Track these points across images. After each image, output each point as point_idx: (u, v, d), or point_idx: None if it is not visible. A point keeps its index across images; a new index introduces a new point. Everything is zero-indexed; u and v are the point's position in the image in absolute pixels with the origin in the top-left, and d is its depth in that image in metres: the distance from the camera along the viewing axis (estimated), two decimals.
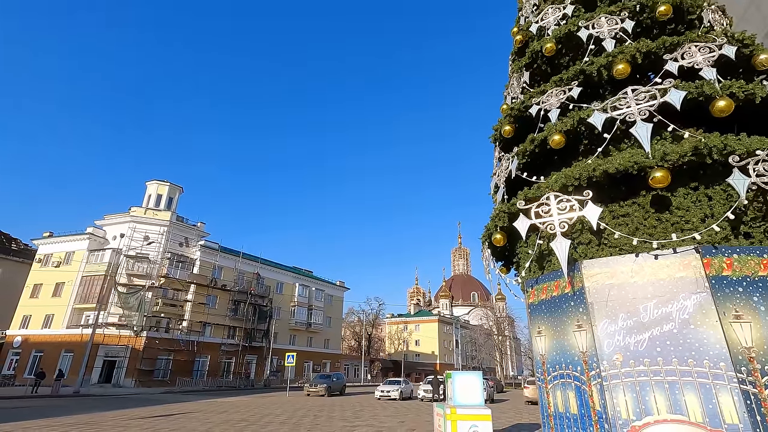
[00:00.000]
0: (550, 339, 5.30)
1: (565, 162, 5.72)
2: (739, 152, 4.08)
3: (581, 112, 5.14)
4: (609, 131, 4.91)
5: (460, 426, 7.92)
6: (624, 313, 4.45)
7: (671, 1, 5.57)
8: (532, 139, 5.69)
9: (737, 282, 4.16)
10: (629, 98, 4.81)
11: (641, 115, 4.63)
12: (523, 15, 7.77)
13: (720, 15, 5.80)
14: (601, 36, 5.66)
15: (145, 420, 13.66)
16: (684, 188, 4.49)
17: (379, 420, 14.82)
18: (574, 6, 6.48)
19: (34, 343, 36.29)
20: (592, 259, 4.77)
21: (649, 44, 5.16)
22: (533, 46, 6.53)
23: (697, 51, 4.92)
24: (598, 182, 4.68)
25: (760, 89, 4.59)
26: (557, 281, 5.16)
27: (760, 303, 4.07)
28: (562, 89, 5.62)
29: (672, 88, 4.60)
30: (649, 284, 4.42)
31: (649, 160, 4.34)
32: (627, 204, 4.71)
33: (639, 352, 4.28)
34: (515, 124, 6.36)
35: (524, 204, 5.07)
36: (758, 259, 4.23)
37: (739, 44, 4.99)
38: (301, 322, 50.94)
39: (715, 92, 4.57)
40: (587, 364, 4.61)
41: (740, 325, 4.02)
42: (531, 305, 5.82)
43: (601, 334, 4.49)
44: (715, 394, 3.88)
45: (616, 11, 5.75)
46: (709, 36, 5.03)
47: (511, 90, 6.99)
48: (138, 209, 40.92)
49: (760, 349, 3.93)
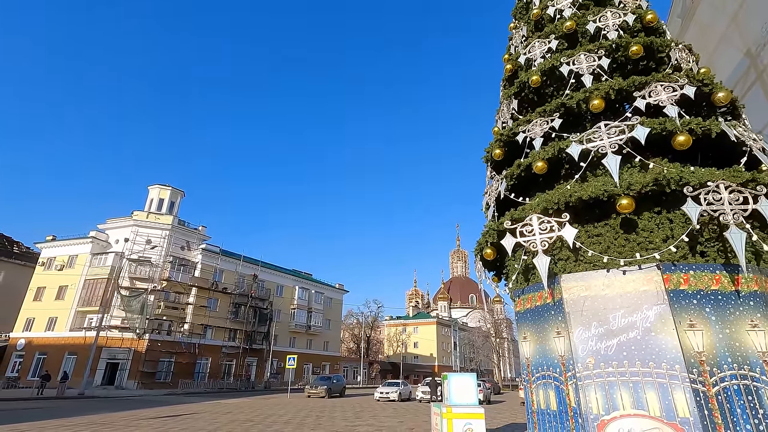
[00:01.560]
0: (534, 344, 5.94)
1: (549, 184, 6.37)
2: (692, 183, 4.72)
3: (561, 143, 5.79)
4: (585, 160, 5.56)
5: (456, 424, 8.50)
6: (596, 321, 5.08)
7: (642, 41, 6.23)
8: (518, 164, 6.34)
9: (692, 295, 4.80)
10: (602, 132, 5.46)
11: (611, 147, 5.28)
12: (513, 44, 8.44)
13: (687, 53, 6.46)
14: (581, 72, 6.31)
15: (154, 420, 14.22)
16: (648, 212, 5.13)
17: (379, 420, 15.42)
18: (558, 41, 7.14)
19: (38, 345, 36.76)
20: (569, 273, 5.41)
21: (620, 82, 5.81)
22: (521, 76, 7.19)
23: (662, 90, 5.58)
24: (574, 206, 5.32)
25: (715, 125, 5.25)
26: (540, 292, 5.79)
27: (712, 313, 4.71)
28: (546, 119, 6.27)
29: (638, 125, 5.25)
30: (618, 296, 5.06)
31: (616, 188, 4.98)
32: (600, 225, 5.35)
33: (608, 355, 4.91)
34: (504, 148, 7.01)
35: (510, 224, 5.71)
36: (711, 275, 4.88)
37: (699, 83, 5.65)
38: (300, 324, 51.50)
39: (676, 128, 5.23)
40: (565, 366, 5.25)
41: (693, 333, 4.66)
42: (518, 313, 6.46)
43: (577, 340, 5.12)
44: (670, 392, 4.51)
45: (594, 49, 6.40)
46: (673, 76, 5.68)
47: (502, 115, 7.64)
48: (140, 213, 41.47)
49: (709, 353, 4.57)
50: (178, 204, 44.38)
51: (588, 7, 7.36)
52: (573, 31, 7.05)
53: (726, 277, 4.84)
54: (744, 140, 5.32)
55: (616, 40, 6.40)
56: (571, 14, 7.23)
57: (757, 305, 4.75)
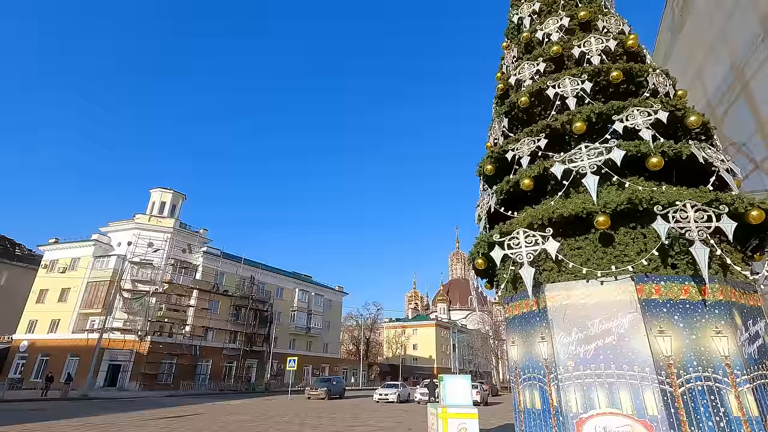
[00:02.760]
0: (521, 348, 6.40)
1: (536, 199, 6.84)
2: (662, 203, 5.19)
3: (546, 162, 6.27)
4: (567, 179, 6.04)
5: (451, 424, 8.96)
6: (576, 327, 5.55)
7: (622, 67, 6.72)
8: (507, 180, 6.82)
9: (662, 304, 5.27)
10: (583, 153, 5.94)
11: (591, 168, 5.76)
12: (505, 64, 8.93)
13: (664, 78, 6.94)
14: (565, 95, 6.79)
15: (161, 420, 14.66)
16: (624, 227, 5.61)
17: (378, 420, 15.86)
18: (546, 63, 7.63)
19: (41, 347, 37.21)
20: (553, 283, 5.87)
21: (601, 107, 6.29)
22: (512, 96, 7.67)
23: (638, 114, 6.05)
24: (557, 221, 5.79)
25: (685, 148, 5.73)
26: (526, 300, 6.26)
27: (680, 321, 5.18)
28: (533, 139, 6.75)
29: (615, 147, 5.73)
30: (596, 305, 5.53)
31: (594, 206, 5.45)
32: (580, 239, 5.82)
33: (587, 359, 5.37)
34: (495, 163, 7.48)
35: (499, 237, 6.18)
36: (680, 286, 5.34)
37: (673, 108, 6.13)
38: (300, 326, 51.95)
39: (650, 150, 5.71)
40: (548, 369, 5.71)
41: (663, 339, 5.13)
42: (507, 319, 6.93)
43: (558, 344, 5.59)
44: (641, 392, 4.97)
45: (578, 74, 6.88)
46: (648, 102, 6.16)
47: (494, 132, 8.12)
48: (142, 216, 41.97)
49: (677, 357, 5.04)
50: (180, 207, 44.88)
51: (574, 32, 7.85)
52: (560, 55, 7.53)
53: (694, 288, 5.30)
54: (712, 161, 5.79)
55: (598, 65, 6.88)
56: (558, 38, 7.72)
57: (721, 313, 5.21)
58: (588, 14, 7.77)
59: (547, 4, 8.62)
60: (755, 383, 4.98)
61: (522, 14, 8.79)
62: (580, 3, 8.41)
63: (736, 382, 4.90)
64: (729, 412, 4.77)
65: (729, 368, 4.98)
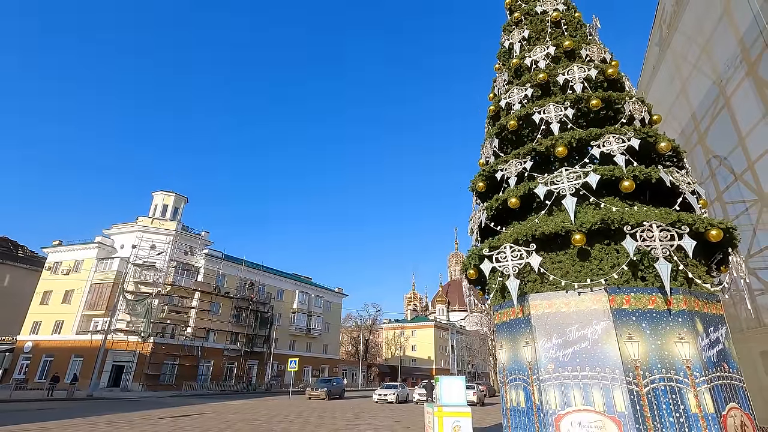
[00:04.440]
0: (508, 351, 7.04)
1: (523, 215, 7.49)
2: (631, 223, 5.84)
3: (531, 183, 6.91)
4: (550, 199, 6.69)
5: (445, 422, 9.59)
6: (556, 333, 6.19)
7: (601, 96, 7.37)
8: (497, 198, 7.46)
9: (632, 313, 5.91)
10: (563, 176, 6.58)
11: (570, 190, 6.40)
12: (497, 86, 9.58)
13: (639, 105, 7.58)
14: (549, 120, 7.44)
15: (168, 419, 15.27)
16: (599, 244, 6.25)
17: (377, 420, 16.48)
18: (533, 89, 8.28)
19: (45, 348, 37.77)
20: (536, 293, 6.52)
21: (580, 133, 6.94)
22: (502, 120, 8.32)
23: (613, 140, 6.70)
24: (539, 238, 6.44)
25: (654, 172, 6.38)
26: (513, 308, 6.89)
27: (647, 328, 5.82)
28: (520, 161, 7.39)
29: (591, 172, 6.38)
30: (574, 313, 6.17)
31: (572, 225, 6.10)
32: (561, 254, 6.47)
33: (565, 362, 6.02)
34: (487, 181, 8.13)
35: (488, 251, 6.82)
36: (648, 296, 5.99)
37: (645, 135, 6.77)
38: (300, 328, 52.55)
39: (623, 174, 6.36)
40: (531, 371, 6.35)
41: (631, 344, 5.77)
42: (496, 325, 7.58)
43: (540, 349, 6.23)
44: (611, 391, 5.61)
45: (562, 101, 7.53)
46: (622, 129, 6.81)
47: (485, 151, 8.77)
48: (145, 219, 42.56)
49: (643, 360, 5.68)
50: (182, 210, 45.47)
51: (559, 60, 8.51)
52: (546, 82, 8.19)
53: (660, 298, 5.95)
54: (678, 185, 6.44)
55: (580, 93, 7.53)
56: (545, 66, 8.37)
57: (684, 321, 5.86)
58: (572, 44, 8.43)
59: (535, 31, 9.28)
60: (712, 384, 5.63)
61: (512, 40, 9.44)
62: (567, 31, 9.08)
63: (695, 383, 5.55)
64: (688, 409, 5.42)
65: (689, 370, 5.63)
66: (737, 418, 5.69)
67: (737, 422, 5.66)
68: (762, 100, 10.82)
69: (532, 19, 9.37)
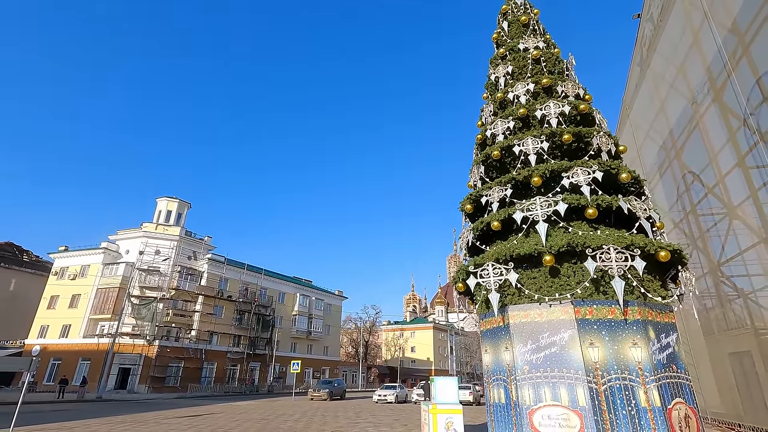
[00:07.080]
0: (491, 355, 8.08)
1: (505, 235, 8.53)
2: (592, 246, 6.89)
3: (510, 209, 7.97)
4: (526, 223, 7.75)
5: (439, 418, 10.60)
6: (531, 340, 7.23)
7: (572, 131, 8.43)
8: (481, 221, 8.52)
9: (594, 322, 6.96)
10: (537, 204, 7.64)
11: (542, 216, 7.46)
12: (484, 115, 10.64)
13: (607, 138, 8.64)
14: (527, 152, 8.50)
15: (181, 419, 16.26)
16: (567, 263, 7.30)
17: (378, 419, 17.50)
18: (515, 122, 9.35)
19: (52, 351, 38.66)
20: (514, 305, 7.56)
21: (553, 165, 7.99)
22: (487, 150, 9.37)
23: (580, 173, 7.75)
24: (516, 257, 7.49)
25: (615, 201, 7.44)
26: (495, 318, 7.95)
27: (606, 335, 6.86)
28: (502, 188, 8.45)
29: (560, 201, 7.44)
30: (546, 322, 7.21)
31: (543, 248, 7.15)
32: (535, 271, 7.51)
33: (537, 364, 7.06)
34: (474, 203, 9.18)
35: (473, 268, 7.87)
36: (608, 308, 7.04)
37: (608, 168, 7.83)
38: (301, 330, 53.53)
39: (588, 203, 7.41)
40: (510, 372, 7.39)
41: (592, 349, 6.82)
42: (482, 332, 8.62)
43: (517, 353, 7.27)
44: (575, 389, 6.65)
45: (539, 134, 8.59)
46: (589, 162, 7.86)
47: (473, 175, 9.82)
48: (149, 225, 43.53)
49: (602, 363, 6.72)
50: (185, 215, 46.46)
51: (538, 95, 9.58)
52: (526, 116, 9.25)
53: (618, 309, 6.99)
54: (635, 211, 7.50)
55: (554, 128, 8.59)
56: (525, 101, 9.44)
57: (638, 329, 6.90)
58: (549, 81, 9.49)
59: (518, 67, 10.34)
60: (660, 382, 6.67)
61: (498, 74, 10.51)
62: (546, 67, 10.14)
63: (645, 382, 6.59)
64: (638, 404, 6.47)
65: (641, 371, 6.67)
66: (681, 411, 6.74)
67: (681, 414, 6.71)
68: (726, 125, 11.90)
69: (515, 56, 10.43)
